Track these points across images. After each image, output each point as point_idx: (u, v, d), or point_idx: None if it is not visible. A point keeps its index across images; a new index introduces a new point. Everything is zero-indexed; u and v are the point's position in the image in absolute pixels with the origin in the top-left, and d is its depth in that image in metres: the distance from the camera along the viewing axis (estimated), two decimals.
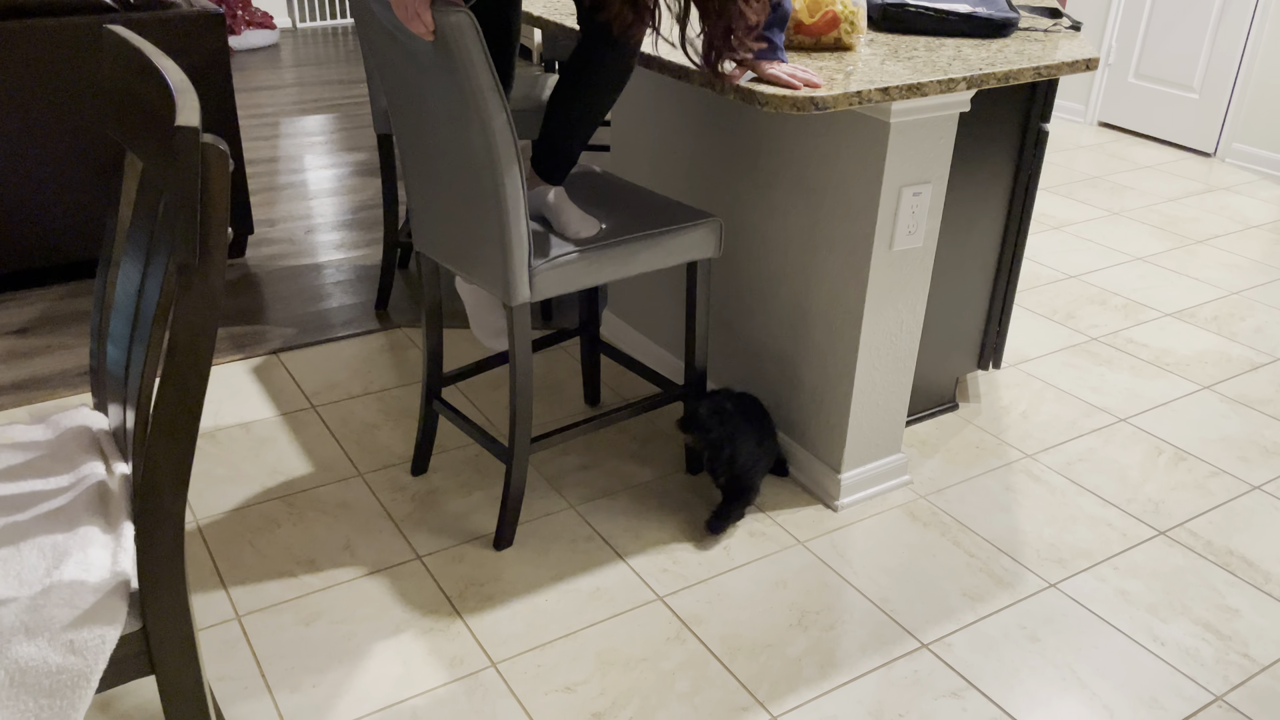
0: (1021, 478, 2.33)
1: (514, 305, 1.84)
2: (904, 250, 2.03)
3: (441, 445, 2.36)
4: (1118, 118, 5.09)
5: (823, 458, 2.21)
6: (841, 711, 1.70)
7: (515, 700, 1.70)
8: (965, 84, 1.83)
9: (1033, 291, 3.29)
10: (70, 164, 2.91)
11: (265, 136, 4.62)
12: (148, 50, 1.13)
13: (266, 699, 1.68)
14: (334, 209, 3.78)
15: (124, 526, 1.19)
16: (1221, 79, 4.60)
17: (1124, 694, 1.75)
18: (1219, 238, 3.79)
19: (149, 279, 1.19)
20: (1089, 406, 2.63)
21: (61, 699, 1.06)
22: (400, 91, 1.88)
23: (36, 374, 2.62)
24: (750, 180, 2.23)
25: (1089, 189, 4.28)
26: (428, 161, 1.90)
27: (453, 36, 1.62)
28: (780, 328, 2.25)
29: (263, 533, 2.07)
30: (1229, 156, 4.66)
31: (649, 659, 1.79)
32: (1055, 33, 2.22)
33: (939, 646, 1.84)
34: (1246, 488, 2.33)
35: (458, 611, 1.88)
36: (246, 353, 2.75)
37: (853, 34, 2.00)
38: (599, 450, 2.37)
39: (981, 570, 2.03)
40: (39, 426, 1.39)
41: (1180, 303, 3.25)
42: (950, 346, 2.49)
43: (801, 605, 1.93)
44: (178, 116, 0.97)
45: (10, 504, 1.22)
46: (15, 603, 1.07)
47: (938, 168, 1.99)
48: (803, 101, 1.69)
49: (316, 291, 3.11)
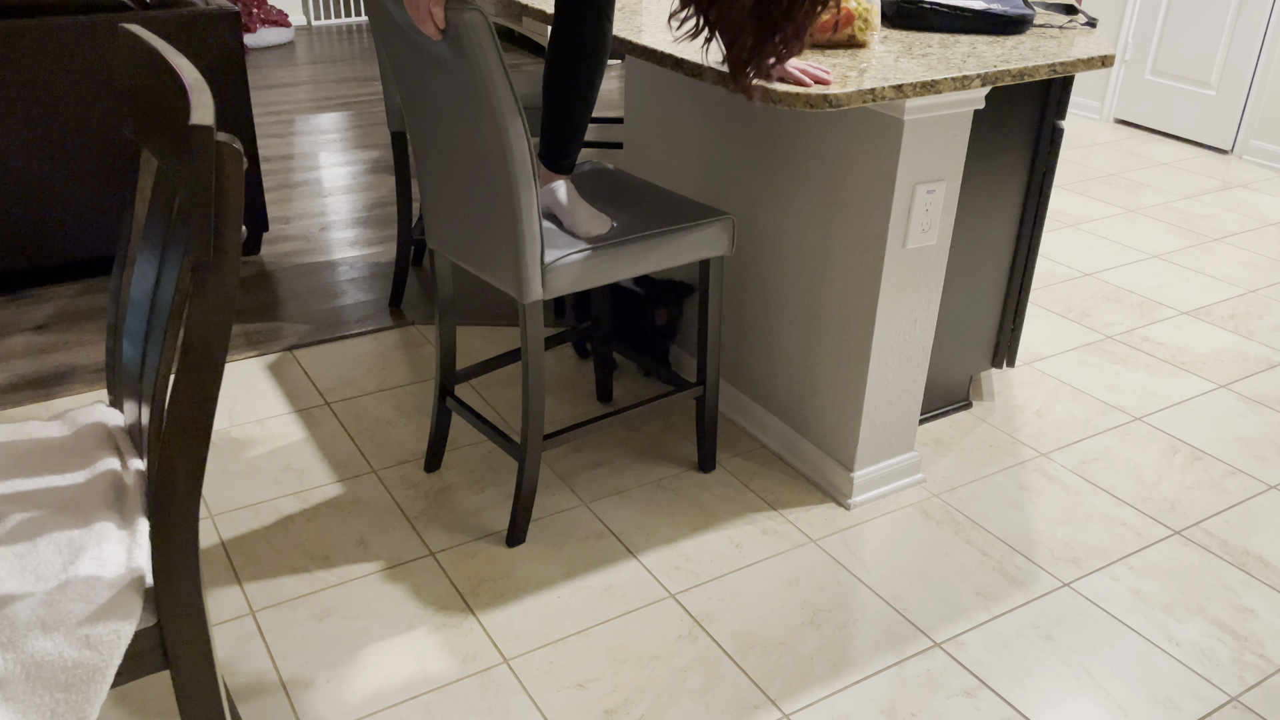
0: (1036, 476, 2.32)
1: (527, 302, 1.84)
2: (918, 248, 2.02)
3: (454, 442, 2.37)
4: (1134, 115, 5.06)
5: (835, 456, 2.21)
6: (853, 710, 1.70)
7: (527, 696, 1.70)
8: (980, 81, 1.82)
9: (1048, 289, 3.27)
10: (86, 162, 2.93)
11: (280, 134, 4.63)
12: (163, 48, 1.14)
13: (280, 694, 1.69)
14: (348, 206, 3.79)
15: (139, 522, 1.20)
16: (1239, 75, 4.57)
17: (1138, 694, 1.74)
18: (1236, 235, 3.76)
19: (164, 276, 1.20)
20: (1104, 405, 2.62)
21: (77, 693, 1.06)
22: (414, 89, 1.88)
23: (53, 370, 2.64)
24: (763, 178, 2.23)
25: (1105, 186, 4.25)
26: (441, 159, 1.91)
27: (466, 34, 1.62)
28: (793, 325, 2.25)
29: (277, 528, 2.08)
30: (1246, 153, 4.62)
31: (661, 656, 1.79)
32: (1071, 29, 2.21)
33: (952, 645, 1.84)
34: (1263, 487, 2.31)
35: (470, 608, 1.89)
36: (261, 349, 2.76)
37: (866, 31, 1.99)
38: (611, 447, 2.37)
39: (995, 569, 2.02)
40: (55, 423, 1.40)
41: (1197, 301, 3.22)
42: (964, 344, 2.48)
43: (814, 603, 1.92)
44: (192, 115, 0.98)
45: (26, 500, 1.23)
46: (31, 598, 1.08)
47: (952, 165, 1.98)
48: (816, 99, 1.69)
49: (331, 289, 3.13)
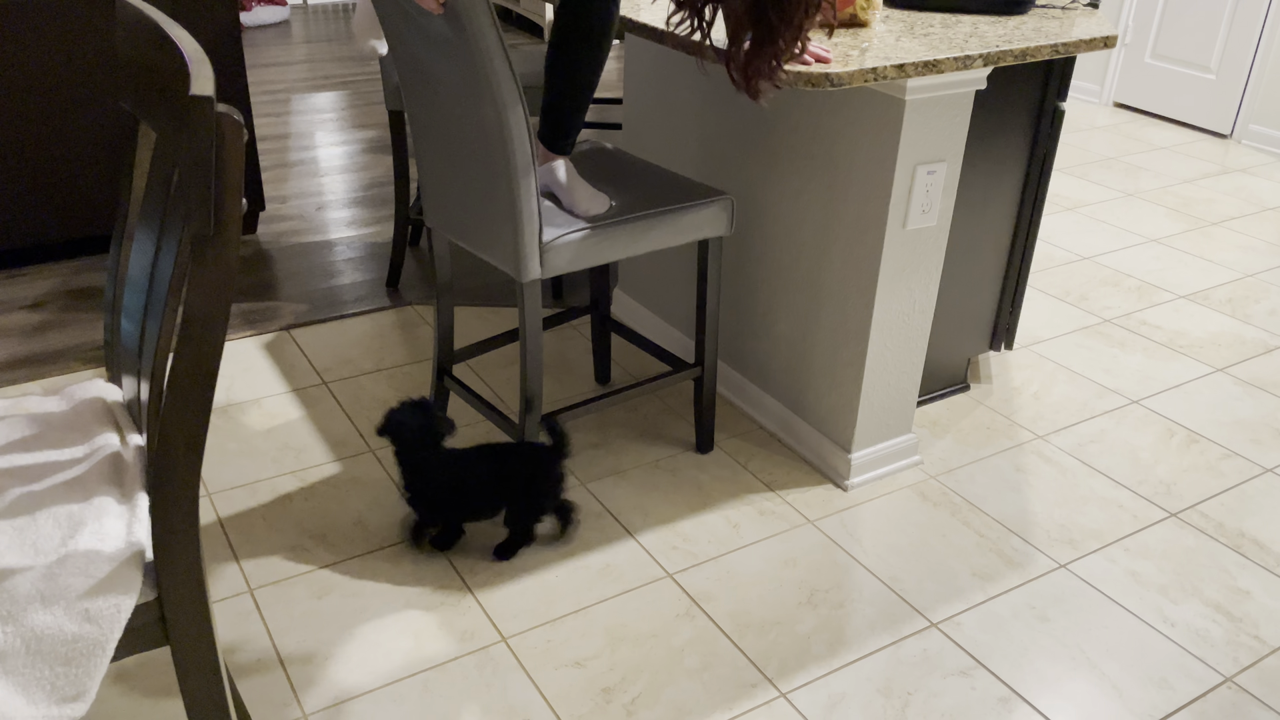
0: (1033, 459, 2.32)
1: (525, 281, 1.83)
2: (918, 229, 2.02)
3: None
4: (1133, 98, 5.05)
5: (833, 437, 2.21)
6: (850, 689, 1.70)
7: (525, 674, 1.71)
8: (982, 61, 1.82)
9: (1046, 272, 3.27)
10: (84, 137, 2.91)
11: (276, 113, 4.61)
12: (161, 21, 1.13)
13: (279, 671, 1.70)
14: (345, 186, 3.78)
15: (139, 497, 1.20)
16: (1239, 60, 4.55)
17: (1133, 674, 1.75)
18: (1234, 220, 3.76)
19: (163, 251, 1.19)
20: (1101, 388, 2.62)
21: (77, 667, 1.06)
22: (412, 67, 1.87)
23: (50, 348, 2.63)
24: (763, 157, 2.22)
25: (1104, 170, 4.25)
26: (439, 138, 1.90)
27: (465, 11, 1.61)
28: (792, 306, 2.25)
29: (275, 507, 2.08)
30: (1245, 138, 4.62)
31: (658, 635, 1.80)
32: (1072, 10, 2.20)
33: (948, 626, 1.84)
34: (1259, 470, 2.32)
35: (468, 586, 1.89)
36: (258, 329, 2.75)
37: (868, 10, 1.98)
38: (609, 428, 2.37)
39: (991, 550, 2.03)
40: (53, 398, 1.40)
41: (1194, 285, 3.23)
42: (962, 327, 2.48)
43: (811, 583, 1.93)
44: (192, 86, 0.97)
45: (26, 474, 1.23)
46: (31, 571, 1.08)
47: (953, 146, 1.97)
48: (817, 78, 1.68)
49: (328, 268, 3.12)
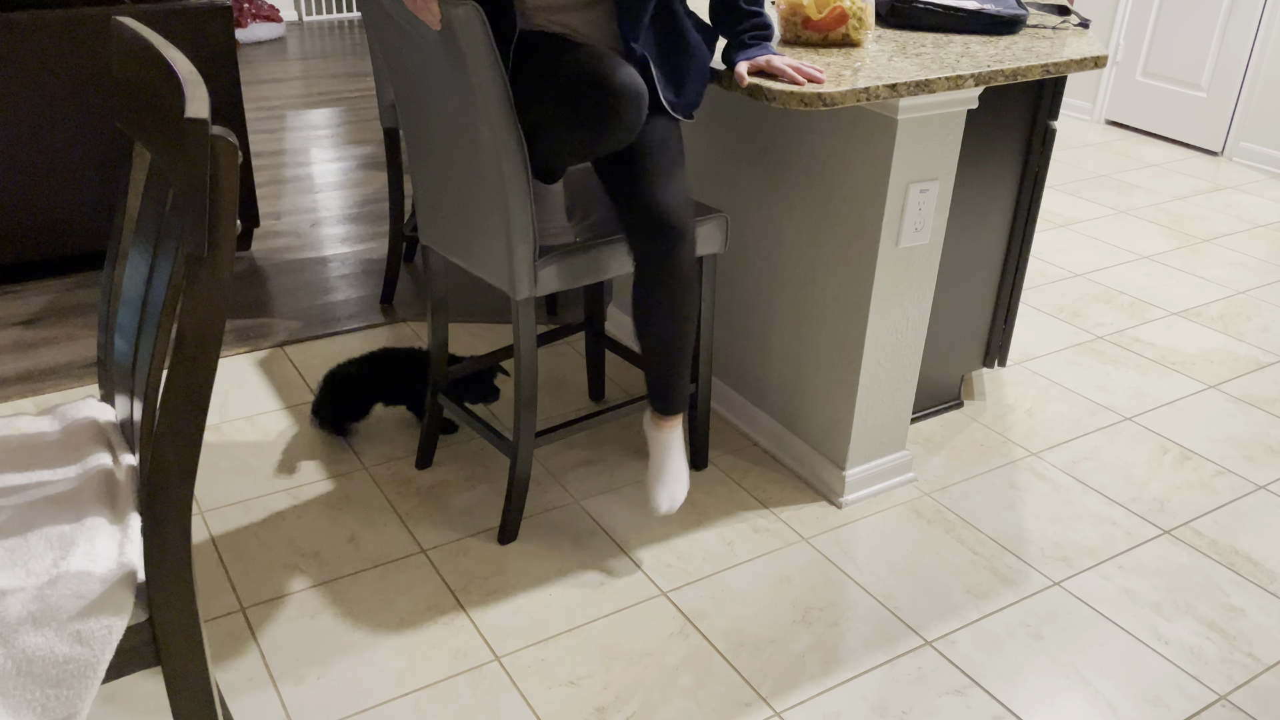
0: (1026, 476, 2.33)
1: (519, 299, 1.84)
2: (910, 247, 2.02)
3: (446, 439, 2.36)
4: (1125, 116, 5.08)
5: (827, 454, 2.21)
6: (844, 708, 1.70)
7: (519, 694, 1.70)
8: (973, 81, 1.83)
9: (1039, 289, 3.29)
10: (78, 155, 2.92)
11: (271, 130, 4.62)
12: (156, 42, 1.13)
13: (271, 690, 1.69)
14: (340, 202, 3.78)
15: (131, 518, 1.20)
16: (1229, 77, 4.59)
17: (1127, 692, 1.75)
18: (1226, 237, 3.78)
19: (157, 270, 1.19)
20: (1094, 405, 2.63)
21: (68, 689, 1.06)
22: (407, 84, 1.88)
23: (43, 365, 2.62)
24: (756, 176, 2.23)
25: (1096, 187, 4.27)
26: (434, 155, 1.90)
27: (460, 29, 1.62)
28: (785, 324, 2.25)
29: (267, 525, 2.07)
30: (1236, 155, 4.64)
31: (652, 654, 1.79)
32: (1063, 30, 2.21)
33: (943, 644, 1.84)
34: (1252, 487, 2.32)
35: (461, 605, 1.88)
36: (252, 345, 2.75)
37: (860, 30, 1.99)
38: (603, 445, 2.37)
39: (986, 568, 2.03)
40: (46, 418, 1.40)
41: (1187, 301, 3.24)
42: (956, 344, 2.48)
43: (805, 601, 1.93)
44: (187, 108, 0.97)
45: (17, 495, 1.22)
46: (23, 592, 1.07)
47: (945, 165, 1.99)
48: (810, 98, 1.69)
49: (322, 285, 3.12)
